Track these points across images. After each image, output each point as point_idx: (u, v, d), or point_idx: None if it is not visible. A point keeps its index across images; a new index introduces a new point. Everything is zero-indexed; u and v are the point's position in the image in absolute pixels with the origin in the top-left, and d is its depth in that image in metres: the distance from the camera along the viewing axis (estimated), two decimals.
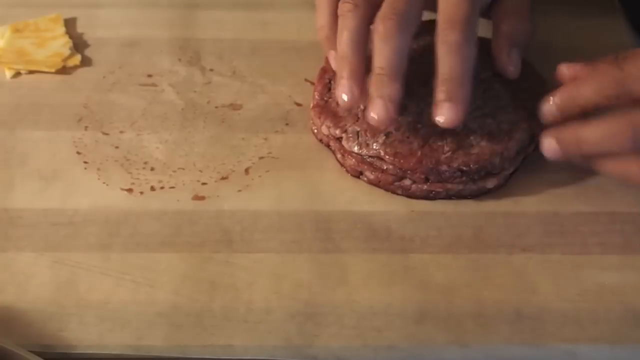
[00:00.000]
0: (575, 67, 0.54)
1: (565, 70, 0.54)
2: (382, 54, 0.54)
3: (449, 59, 0.53)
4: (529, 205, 0.56)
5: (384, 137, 0.56)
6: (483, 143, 0.56)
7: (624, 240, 0.53)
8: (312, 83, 0.62)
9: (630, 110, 0.50)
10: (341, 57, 0.55)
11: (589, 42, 0.67)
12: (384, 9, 0.55)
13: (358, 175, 0.57)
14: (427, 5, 0.55)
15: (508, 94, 0.59)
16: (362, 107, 0.57)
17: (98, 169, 0.58)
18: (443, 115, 0.53)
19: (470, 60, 0.54)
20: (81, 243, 0.53)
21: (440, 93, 0.53)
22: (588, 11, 0.69)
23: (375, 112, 0.53)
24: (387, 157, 0.56)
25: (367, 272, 0.52)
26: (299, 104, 0.62)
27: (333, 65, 0.59)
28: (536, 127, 0.56)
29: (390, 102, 0.53)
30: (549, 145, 0.53)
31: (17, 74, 0.64)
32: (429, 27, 0.55)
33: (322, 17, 0.59)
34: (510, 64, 0.58)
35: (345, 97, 0.54)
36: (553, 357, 0.49)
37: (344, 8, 0.56)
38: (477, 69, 0.55)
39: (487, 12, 0.60)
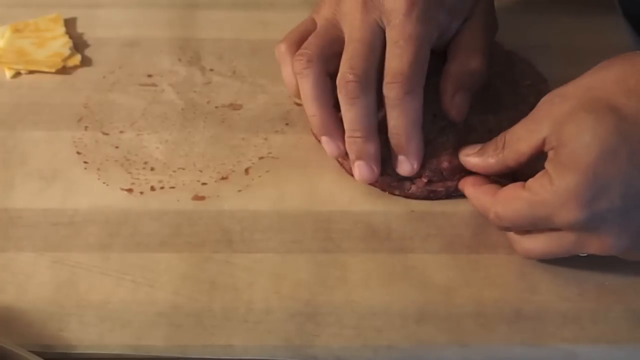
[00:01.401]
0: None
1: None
2: (351, 115, 0.54)
3: (392, 114, 0.54)
4: None
5: (384, 137, 0.56)
6: (485, 139, 0.55)
7: None
8: None
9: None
10: (310, 116, 0.56)
11: (589, 42, 0.67)
12: (343, 68, 0.54)
13: None
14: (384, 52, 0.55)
15: (509, 92, 0.59)
16: None
17: (98, 169, 0.58)
18: (398, 169, 0.55)
19: (414, 111, 0.54)
20: (81, 243, 0.53)
21: (393, 146, 0.54)
22: (588, 11, 0.69)
23: (361, 174, 0.54)
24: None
25: (367, 272, 0.52)
26: (299, 104, 0.62)
27: None
28: None
29: (372, 161, 0.54)
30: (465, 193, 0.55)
31: (17, 74, 0.64)
32: None
33: (286, 74, 0.58)
34: (452, 109, 0.56)
35: (333, 153, 0.56)
36: (553, 357, 0.49)
37: (298, 66, 0.55)
38: None
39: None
